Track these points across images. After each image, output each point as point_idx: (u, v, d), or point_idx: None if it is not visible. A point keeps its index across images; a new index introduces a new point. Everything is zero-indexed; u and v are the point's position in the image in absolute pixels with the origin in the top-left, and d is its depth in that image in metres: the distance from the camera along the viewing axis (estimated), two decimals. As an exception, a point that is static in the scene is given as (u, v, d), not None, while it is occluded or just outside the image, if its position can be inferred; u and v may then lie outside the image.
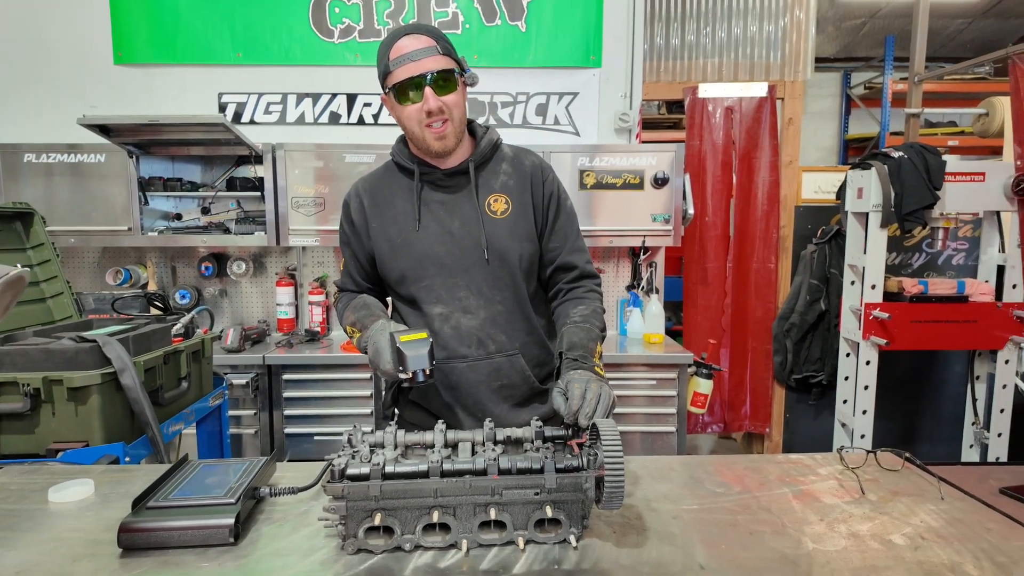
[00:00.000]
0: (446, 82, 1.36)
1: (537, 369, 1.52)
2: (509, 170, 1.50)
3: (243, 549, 0.98)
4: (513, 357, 1.47)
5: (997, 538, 1.04)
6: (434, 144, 1.40)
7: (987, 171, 2.89)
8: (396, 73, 1.34)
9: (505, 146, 1.54)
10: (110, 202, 2.88)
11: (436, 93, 1.35)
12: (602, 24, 3.19)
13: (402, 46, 1.34)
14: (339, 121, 3.21)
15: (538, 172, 1.51)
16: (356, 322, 1.42)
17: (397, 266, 1.46)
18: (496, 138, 1.52)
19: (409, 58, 1.33)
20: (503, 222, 1.46)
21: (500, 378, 1.47)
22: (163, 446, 1.58)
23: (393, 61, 1.34)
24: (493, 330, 1.46)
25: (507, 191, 1.48)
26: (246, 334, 2.86)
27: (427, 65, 1.33)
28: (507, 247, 1.44)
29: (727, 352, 3.81)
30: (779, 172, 3.66)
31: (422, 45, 1.34)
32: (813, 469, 1.34)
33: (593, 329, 1.40)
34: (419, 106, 1.35)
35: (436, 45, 1.35)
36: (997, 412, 3.05)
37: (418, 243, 1.44)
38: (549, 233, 1.51)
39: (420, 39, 1.35)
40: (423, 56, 1.33)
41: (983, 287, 3.02)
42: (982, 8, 5.32)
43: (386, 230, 1.47)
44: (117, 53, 3.10)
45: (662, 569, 0.94)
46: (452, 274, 1.44)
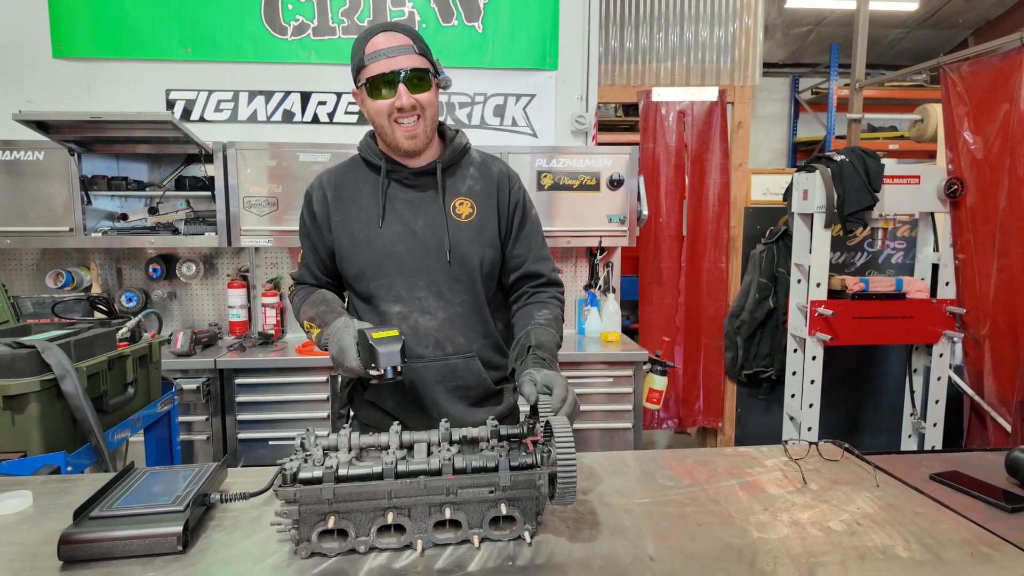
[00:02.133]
0: (420, 81, 1.36)
1: (492, 372, 1.53)
2: (476, 175, 1.51)
3: (192, 557, 0.96)
4: (470, 359, 1.48)
5: (926, 521, 1.10)
6: (404, 142, 1.39)
7: (922, 174, 3.05)
8: (370, 68, 1.34)
9: (474, 151, 1.56)
10: (50, 202, 2.76)
11: (409, 91, 1.35)
12: (558, 26, 3.22)
13: (378, 42, 1.35)
14: (293, 120, 3.15)
15: (505, 179, 1.52)
16: (315, 317, 1.41)
17: (357, 262, 1.45)
18: (465, 142, 1.53)
19: (385, 54, 1.34)
20: (467, 226, 1.46)
21: (456, 379, 1.48)
22: (108, 454, 1.53)
23: (368, 56, 1.35)
24: (451, 332, 1.46)
25: (473, 195, 1.48)
26: (197, 337, 2.79)
27: (402, 62, 1.34)
28: (470, 251, 1.45)
29: (681, 349, 3.90)
30: (729, 174, 3.76)
31: (399, 43, 1.35)
32: (760, 461, 1.39)
33: (556, 336, 1.43)
34: (391, 102, 1.35)
35: (412, 44, 1.36)
36: (933, 403, 3.21)
37: (380, 240, 1.44)
38: (514, 241, 1.52)
39: (397, 37, 1.36)
40: (399, 53, 1.34)
41: (919, 284, 3.18)
42: (918, 19, 5.59)
43: (348, 225, 1.46)
44: (56, 46, 2.97)
45: (613, 562, 0.96)
46: (413, 274, 1.44)
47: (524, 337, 1.38)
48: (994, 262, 2.85)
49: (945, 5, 5.37)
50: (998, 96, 2.74)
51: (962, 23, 5.71)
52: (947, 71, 2.96)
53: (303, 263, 1.58)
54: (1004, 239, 2.79)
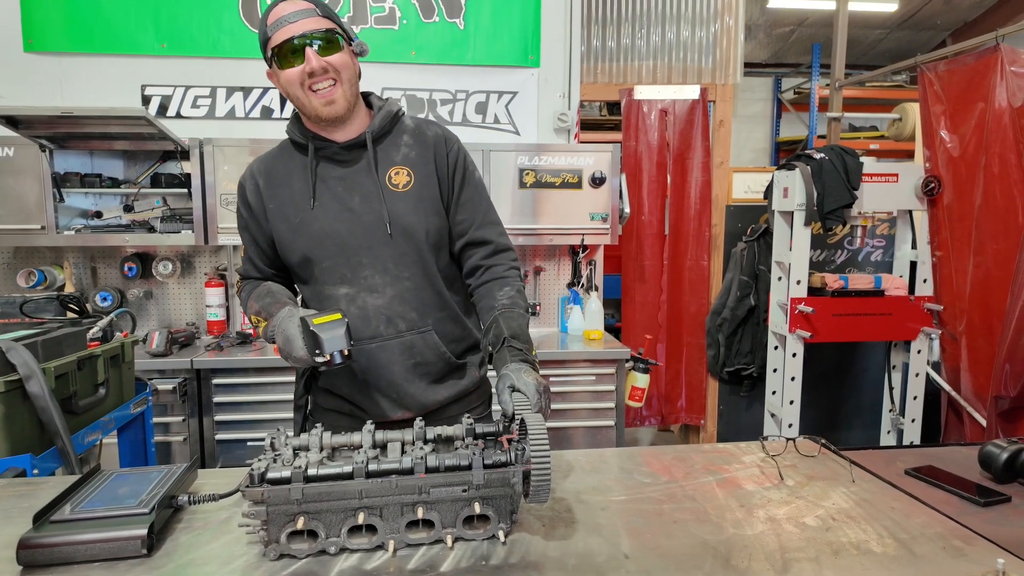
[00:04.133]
0: (329, 44, 1.31)
1: (453, 345, 1.47)
2: (411, 142, 1.44)
3: (157, 561, 0.94)
4: (426, 334, 1.42)
5: (900, 516, 1.10)
6: (322, 110, 1.33)
7: (900, 172, 3.08)
8: (274, 37, 1.30)
9: (407, 118, 1.47)
10: (21, 199, 2.70)
11: (319, 54, 1.30)
12: (540, 24, 3.21)
13: (279, 10, 1.30)
14: (272, 116, 3.11)
15: (441, 143, 1.45)
16: (261, 311, 1.37)
17: (297, 248, 1.41)
18: (396, 109, 1.46)
19: (287, 19, 1.29)
20: (405, 195, 1.40)
21: (413, 356, 1.42)
22: (74, 457, 1.49)
23: (271, 25, 1.30)
24: (402, 308, 1.41)
25: (409, 163, 1.42)
26: (173, 337, 2.74)
27: (306, 25, 1.29)
28: (411, 222, 1.39)
29: (663, 347, 3.91)
30: (711, 172, 3.78)
31: (301, 7, 1.30)
32: (737, 457, 1.39)
33: (525, 315, 1.38)
34: (301, 68, 1.29)
35: (315, 8, 1.31)
36: (911, 399, 3.25)
37: (315, 222, 1.38)
38: (456, 205, 1.45)
39: (297, 3, 1.31)
40: (302, 17, 1.30)
41: (897, 282, 3.21)
42: (897, 20, 5.66)
43: (283, 211, 1.41)
44: (27, 40, 2.90)
45: (588, 560, 0.95)
46: (354, 253, 1.39)
47: (495, 325, 1.33)
48: (970, 259, 2.88)
49: (924, 7, 5.44)
50: (974, 95, 2.78)
51: (940, 24, 5.79)
52: (924, 70, 2.99)
53: (246, 257, 1.52)
54: (980, 236, 2.82)
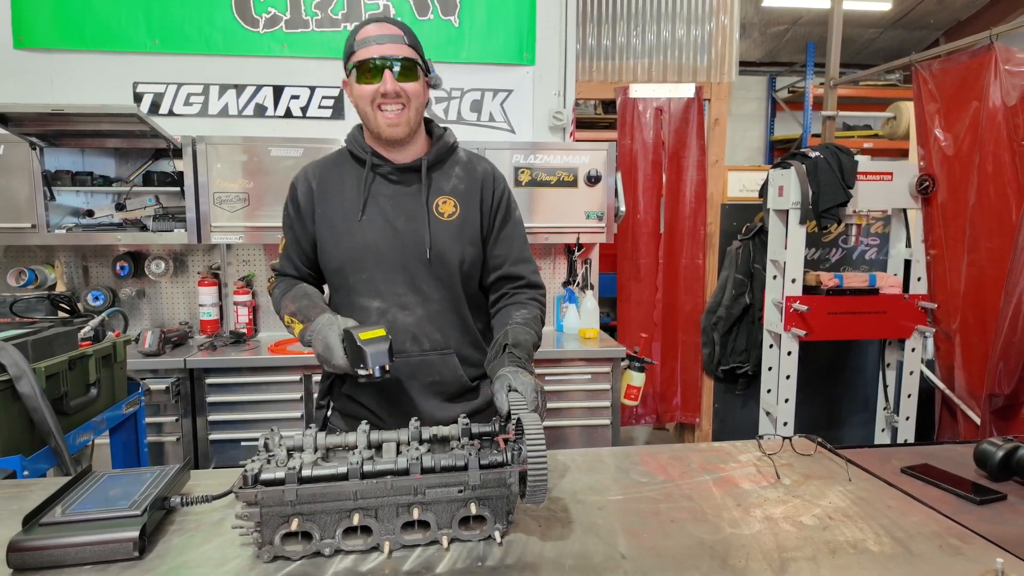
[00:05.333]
0: (406, 71, 1.38)
1: (470, 369, 1.52)
2: (461, 174, 1.51)
3: (149, 563, 0.93)
4: (447, 355, 1.48)
5: (896, 514, 1.10)
6: (386, 130, 1.39)
7: (894, 171, 3.09)
8: (359, 53, 1.37)
9: (461, 150, 1.56)
10: (11, 197, 2.67)
11: (395, 78, 1.36)
12: (535, 22, 3.20)
13: (369, 30, 1.38)
14: (265, 114, 3.09)
15: (489, 179, 1.52)
16: (297, 313, 1.41)
17: (338, 255, 1.45)
18: (453, 141, 1.53)
19: (375, 40, 1.36)
20: (449, 224, 1.46)
21: (432, 375, 1.47)
22: (68, 456, 1.48)
23: (358, 42, 1.38)
24: (429, 328, 1.46)
25: (457, 195, 1.49)
26: (166, 336, 2.72)
27: (390, 50, 1.36)
28: (450, 249, 1.45)
29: (659, 345, 3.91)
30: (706, 171, 3.78)
31: (389, 32, 1.37)
32: (734, 456, 1.39)
33: (533, 336, 1.43)
34: (376, 87, 1.36)
35: (403, 36, 1.38)
36: (905, 397, 3.26)
37: (360, 234, 1.43)
38: (495, 241, 1.52)
39: (389, 27, 1.38)
40: (388, 42, 1.37)
41: (892, 280, 3.22)
42: (891, 20, 5.68)
43: (330, 217, 1.46)
44: (17, 36, 2.87)
45: (585, 560, 0.95)
46: (392, 269, 1.44)
47: (502, 336, 1.38)
48: (964, 258, 2.89)
49: (917, 5, 5.46)
50: (968, 94, 2.79)
51: (934, 24, 5.81)
52: (919, 69, 2.99)
53: (285, 254, 1.56)
54: (974, 235, 2.83)
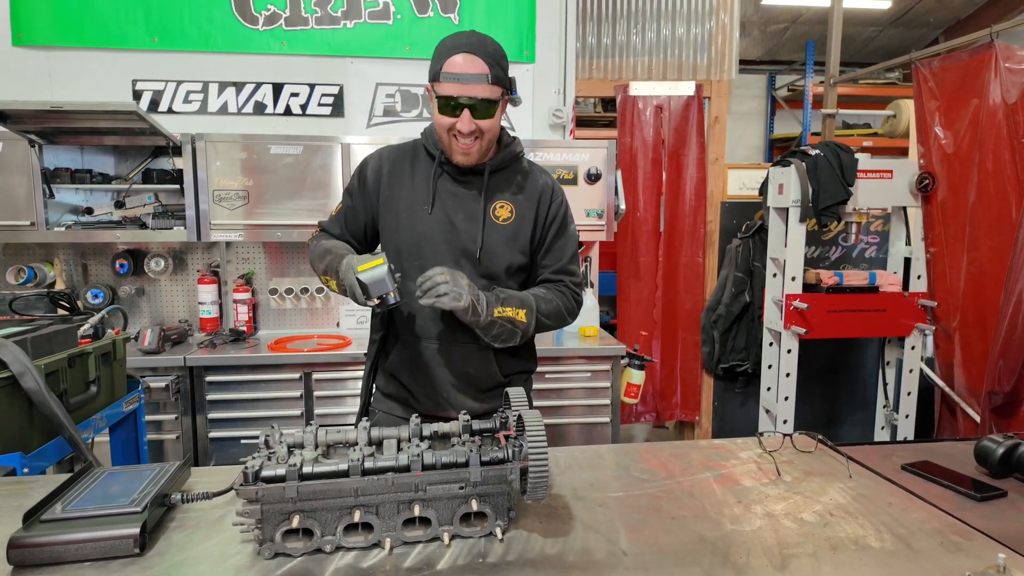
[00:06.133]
0: (486, 110, 1.41)
1: (505, 365, 1.59)
2: (522, 183, 1.57)
3: (149, 560, 0.93)
4: (484, 349, 1.54)
5: (897, 511, 1.10)
6: (458, 157, 1.48)
7: (894, 169, 3.08)
8: (443, 86, 1.40)
9: (526, 160, 1.62)
10: (10, 195, 2.66)
11: (473, 116, 1.40)
12: (535, 19, 3.19)
13: (456, 63, 1.39)
14: (264, 111, 3.08)
15: (548, 192, 1.58)
16: (327, 270, 1.48)
17: (397, 239, 1.53)
18: (518, 151, 1.59)
19: (458, 79, 1.38)
20: (503, 229, 1.53)
21: (466, 366, 1.55)
22: (84, 445, 1.47)
23: (444, 73, 1.40)
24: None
25: (514, 202, 1.55)
26: (166, 334, 2.71)
27: (472, 91, 1.38)
28: (500, 252, 1.52)
29: (658, 344, 3.91)
30: (706, 169, 3.78)
31: (475, 70, 1.38)
32: (734, 453, 1.39)
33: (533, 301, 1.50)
34: (454, 121, 1.41)
35: (488, 73, 1.39)
36: (905, 395, 3.26)
37: (422, 223, 1.52)
38: (546, 251, 1.59)
39: (476, 62, 1.38)
40: (472, 81, 1.38)
41: (892, 278, 3.22)
42: (891, 18, 5.67)
43: (395, 203, 1.54)
44: (16, 34, 2.86)
45: (586, 557, 0.95)
46: (444, 261, 1.49)
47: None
48: (964, 256, 2.89)
49: (917, 4, 5.45)
50: (968, 91, 2.78)
51: (933, 22, 5.81)
52: (919, 67, 2.99)
53: (336, 217, 1.64)
54: (973, 233, 2.83)
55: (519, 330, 1.48)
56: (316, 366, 2.66)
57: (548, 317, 1.53)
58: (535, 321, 1.50)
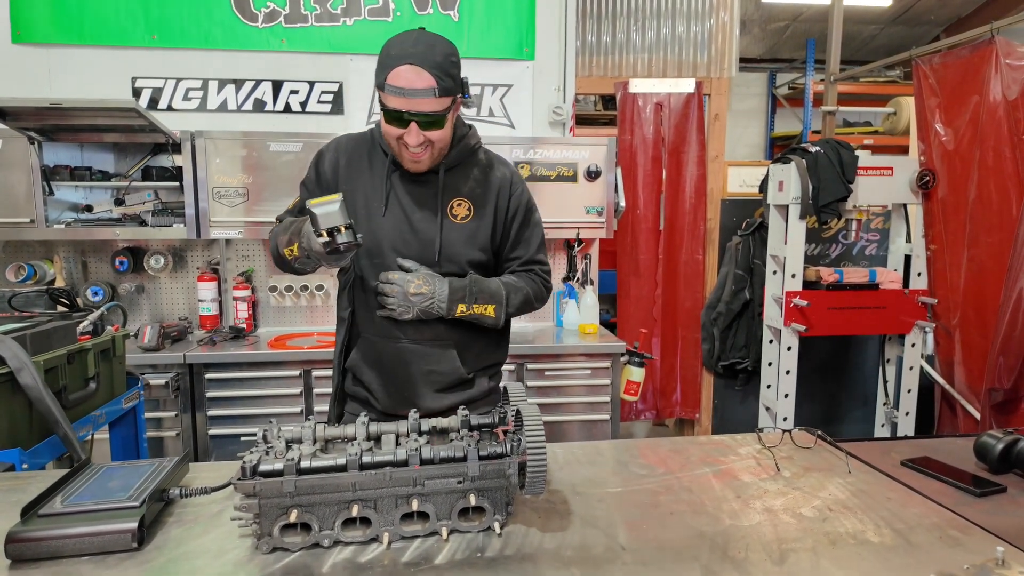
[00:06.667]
0: (434, 123, 1.36)
1: (470, 362, 1.55)
2: (480, 177, 1.52)
3: (147, 554, 0.93)
4: (447, 348, 1.51)
5: (896, 506, 1.10)
6: (407, 164, 1.43)
7: (895, 166, 3.08)
8: (388, 98, 1.34)
9: (482, 152, 1.57)
10: (9, 192, 2.66)
11: (421, 128, 1.35)
12: (535, 16, 3.19)
13: (401, 75, 1.31)
14: (264, 108, 3.08)
15: (506, 185, 1.53)
16: (291, 239, 1.40)
17: None
18: (473, 143, 1.53)
19: (403, 93, 1.31)
20: (461, 227, 1.49)
21: (430, 364, 1.51)
22: (78, 444, 1.47)
23: (388, 86, 1.32)
24: (431, 321, 1.48)
25: (472, 198, 1.50)
26: (165, 332, 2.71)
27: (419, 105, 1.32)
28: (459, 252, 1.48)
29: (658, 341, 3.91)
30: (706, 166, 3.77)
31: (422, 84, 1.31)
32: (733, 449, 1.39)
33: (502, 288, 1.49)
34: (402, 132, 1.37)
35: (435, 87, 1.32)
36: (905, 392, 3.26)
37: (379, 225, 1.47)
38: (513, 244, 1.56)
39: (422, 75, 1.31)
40: (418, 96, 1.32)
41: (892, 275, 3.22)
42: (891, 16, 5.66)
43: (353, 197, 1.48)
44: (15, 31, 2.86)
45: (585, 552, 0.95)
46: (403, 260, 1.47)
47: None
48: (964, 253, 2.89)
49: (917, 2, 5.44)
50: (968, 88, 2.78)
51: (934, 20, 5.79)
52: (919, 64, 2.99)
53: (292, 210, 1.58)
54: (974, 230, 2.83)
55: (487, 324, 1.49)
56: (316, 363, 2.66)
57: (518, 308, 1.53)
58: (504, 315, 1.50)
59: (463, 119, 1.54)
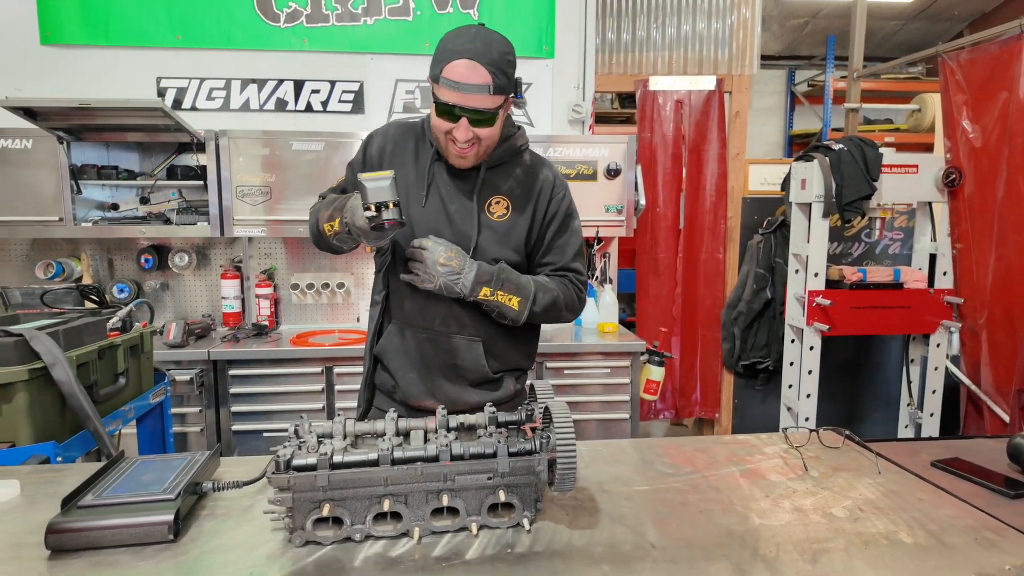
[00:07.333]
0: (486, 121, 1.36)
1: (495, 361, 1.55)
2: (521, 177, 1.51)
3: (183, 546, 0.94)
4: (473, 343, 1.51)
5: (928, 507, 1.09)
6: (454, 160, 1.43)
7: (920, 163, 3.03)
8: (442, 91, 1.33)
9: (528, 153, 1.55)
10: (38, 191, 2.71)
11: (471, 125, 1.35)
12: (554, 14, 3.18)
13: (457, 69, 1.30)
14: (286, 108, 3.11)
15: (548, 188, 1.51)
16: (332, 215, 1.40)
17: None
18: (520, 144, 1.52)
19: (458, 87, 1.31)
20: (496, 226, 1.48)
21: (455, 358, 1.51)
22: (108, 439, 1.50)
23: (443, 79, 1.32)
24: (460, 313, 1.49)
25: (511, 197, 1.49)
26: (189, 328, 2.75)
27: (473, 101, 1.32)
28: (493, 251, 1.47)
29: (678, 340, 3.89)
30: (727, 164, 3.74)
31: (477, 80, 1.30)
32: (759, 449, 1.38)
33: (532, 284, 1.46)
34: (451, 126, 1.35)
35: (491, 84, 1.31)
36: (930, 393, 3.21)
37: (419, 214, 1.47)
38: (546, 250, 1.53)
39: (478, 71, 1.30)
40: (472, 92, 1.31)
41: (916, 274, 3.17)
42: (914, 11, 5.58)
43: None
44: (44, 33, 2.92)
45: (614, 549, 0.95)
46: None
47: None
48: (992, 251, 2.84)
49: (941, -3, 5.35)
50: (997, 84, 2.73)
51: (957, 15, 5.70)
52: (946, 59, 2.94)
53: (336, 188, 1.60)
54: (1002, 228, 2.78)
55: (508, 317, 1.46)
56: (337, 360, 2.68)
57: (544, 310, 1.48)
58: (527, 312, 1.46)
59: (512, 119, 1.54)
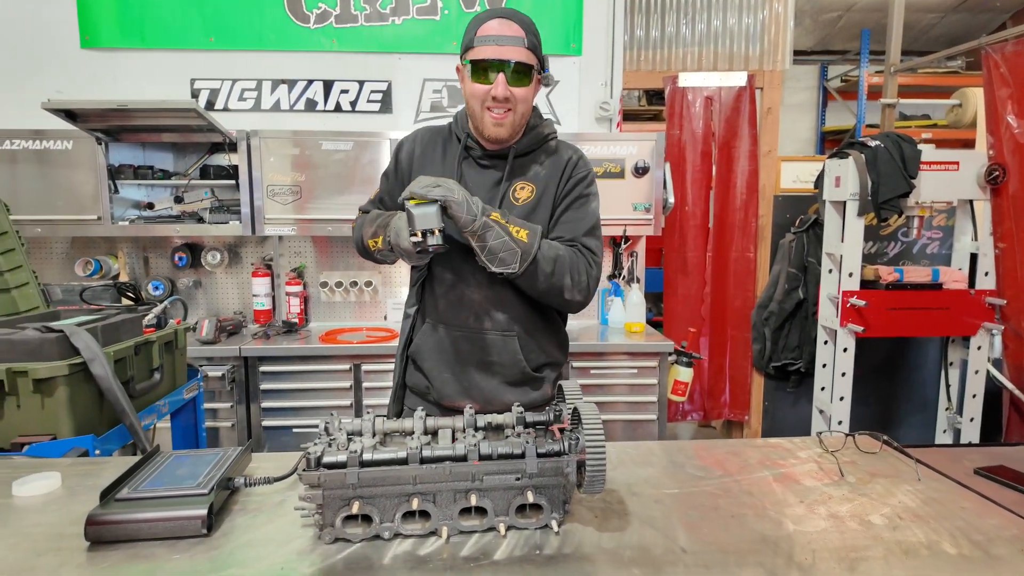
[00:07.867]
0: (521, 76, 1.37)
1: (532, 355, 1.54)
2: (545, 161, 1.52)
3: (216, 540, 0.96)
4: (508, 338, 1.50)
5: (972, 516, 1.05)
6: (490, 128, 1.42)
7: (961, 160, 2.94)
8: (477, 50, 1.36)
9: (555, 141, 1.56)
10: (78, 190, 2.80)
11: (508, 83, 1.36)
12: (582, 12, 3.17)
13: (491, 27, 1.36)
14: (315, 108, 3.15)
15: (571, 166, 1.52)
16: (377, 229, 1.45)
17: None
18: (547, 132, 1.53)
19: (495, 40, 1.35)
20: (519, 209, 1.48)
21: (491, 354, 1.51)
22: (143, 434, 1.54)
23: (479, 38, 1.36)
24: (493, 308, 1.49)
25: (536, 180, 1.50)
26: (221, 325, 2.80)
27: (509, 53, 1.35)
28: None
29: (707, 341, 3.83)
30: (758, 162, 3.68)
31: (511, 33, 1.36)
32: (793, 453, 1.35)
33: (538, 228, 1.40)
34: (488, 89, 1.37)
35: (524, 37, 1.37)
36: (970, 397, 3.11)
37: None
38: (557, 222, 1.49)
39: (511, 26, 1.36)
40: (508, 43, 1.35)
41: (956, 275, 3.07)
42: (954, 3, 5.40)
43: None
44: (84, 37, 3.00)
45: (644, 552, 0.93)
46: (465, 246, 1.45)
47: None
48: (1037, 251, 2.74)
49: (983, -13, 5.18)
50: (1044, 78, 2.63)
51: (999, 6, 5.49)
52: (990, 52, 2.84)
53: (374, 199, 1.65)
54: (1048, 227, 2.67)
55: (519, 249, 1.36)
56: (365, 358, 2.71)
57: (553, 265, 1.39)
58: (536, 248, 1.37)
59: (539, 110, 1.55)
